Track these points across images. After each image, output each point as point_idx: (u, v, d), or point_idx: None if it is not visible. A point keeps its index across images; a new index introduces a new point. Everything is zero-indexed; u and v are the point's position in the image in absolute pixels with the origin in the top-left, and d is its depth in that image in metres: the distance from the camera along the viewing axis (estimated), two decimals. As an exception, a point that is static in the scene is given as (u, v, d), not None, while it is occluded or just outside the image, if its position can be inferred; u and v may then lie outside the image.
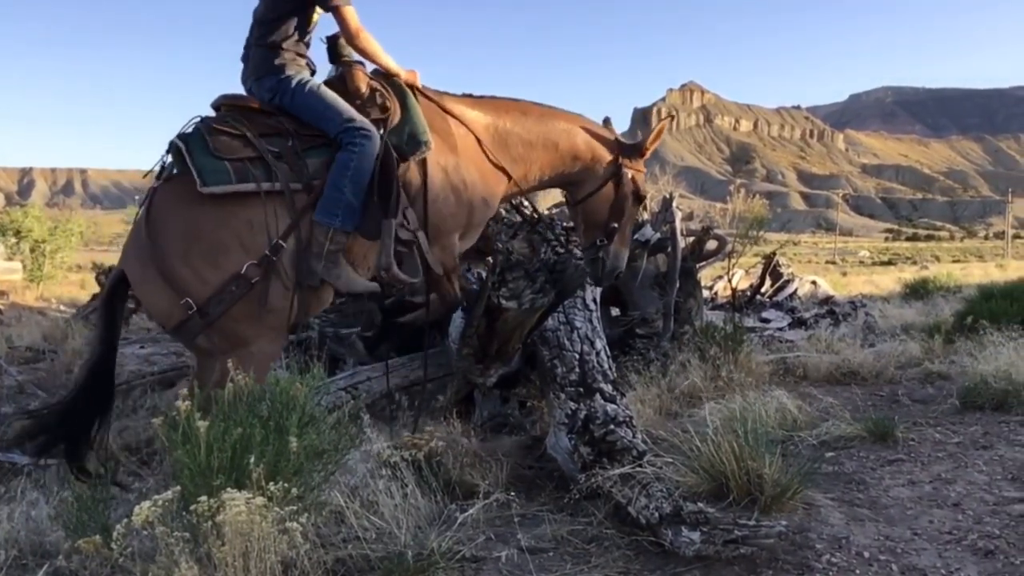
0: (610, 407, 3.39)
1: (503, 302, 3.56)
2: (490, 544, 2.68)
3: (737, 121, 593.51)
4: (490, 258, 4.38)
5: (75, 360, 6.52)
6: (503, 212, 5.28)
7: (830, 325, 8.30)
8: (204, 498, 2.04)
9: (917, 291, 12.38)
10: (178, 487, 2.18)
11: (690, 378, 4.89)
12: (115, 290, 3.30)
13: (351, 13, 3.43)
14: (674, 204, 6.25)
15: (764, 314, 9.59)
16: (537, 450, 3.70)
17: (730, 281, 10.32)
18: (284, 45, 3.47)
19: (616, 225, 4.14)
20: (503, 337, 3.76)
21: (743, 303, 10.10)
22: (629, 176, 4.17)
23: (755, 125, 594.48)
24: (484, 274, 4.02)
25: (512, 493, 3.00)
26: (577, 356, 3.78)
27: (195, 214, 3.15)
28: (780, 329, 8.24)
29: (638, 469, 2.95)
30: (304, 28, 3.52)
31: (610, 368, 3.84)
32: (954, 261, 48.57)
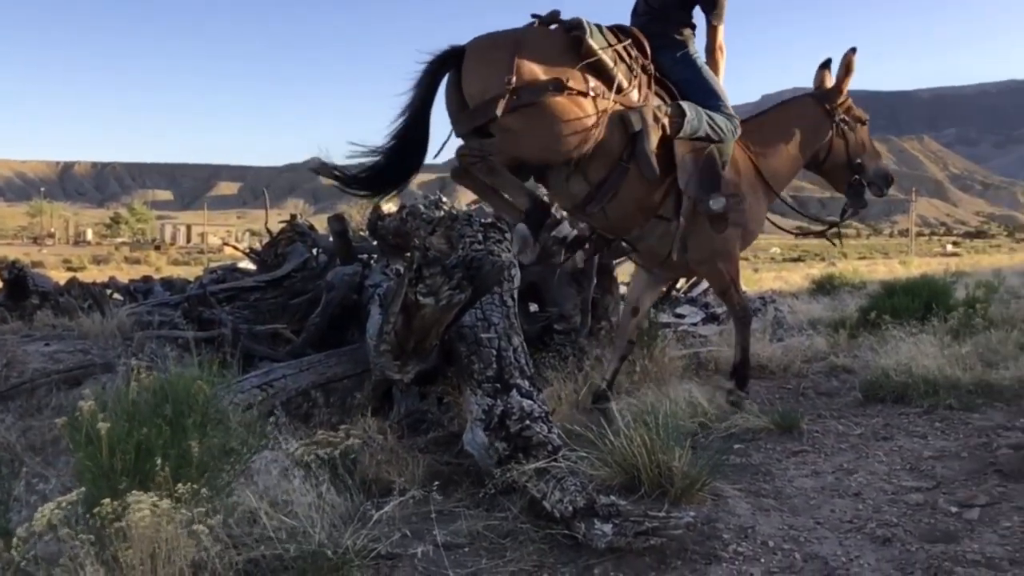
0: (526, 403, 3.42)
1: (420, 298, 3.55)
2: (406, 541, 2.68)
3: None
4: (408, 254, 4.37)
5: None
6: (422, 208, 5.27)
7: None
8: (107, 500, 1.99)
9: (824, 287, 12.77)
10: (82, 489, 2.13)
11: (605, 373, 4.95)
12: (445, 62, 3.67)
13: (722, 31, 4.30)
14: (592, 201, 6.31)
15: (679, 310, 9.77)
16: (454, 446, 3.71)
17: (646, 277, 10.45)
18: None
19: (860, 160, 4.76)
20: (420, 333, 3.75)
21: (658, 299, 10.25)
22: (841, 117, 4.72)
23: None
24: (401, 270, 4.01)
25: (429, 490, 3.01)
26: (494, 352, 3.80)
27: None
28: (694, 324, 8.40)
29: (553, 464, 2.99)
30: None
31: (527, 364, 3.87)
32: (860, 258, 50.22)
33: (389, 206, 5.97)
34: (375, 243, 6.11)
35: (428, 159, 3.92)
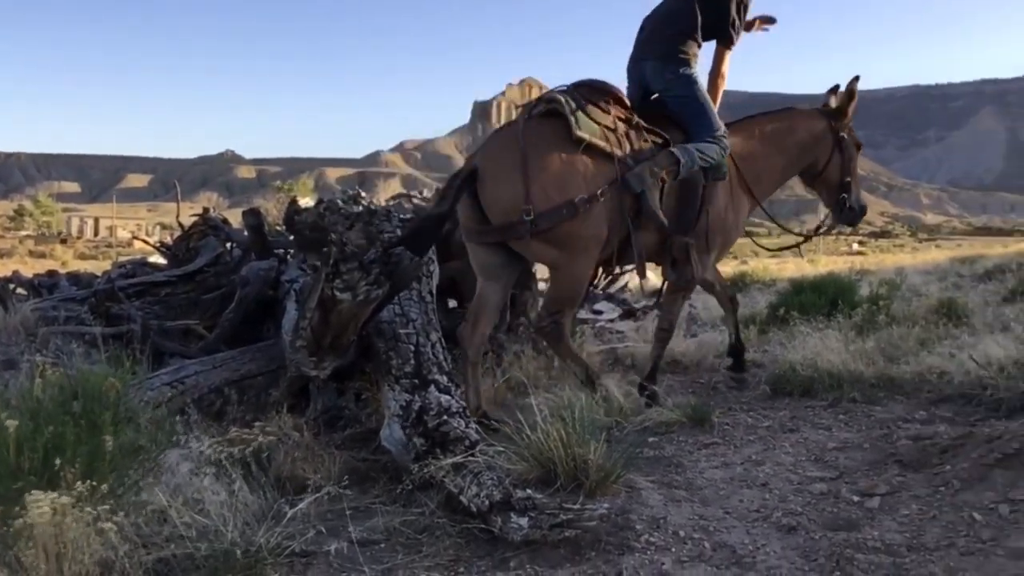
0: (444, 398, 3.43)
1: (337, 294, 3.52)
2: (321, 538, 2.66)
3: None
4: (325, 249, 4.32)
5: None
6: (340, 203, 5.21)
7: (657, 316, 8.64)
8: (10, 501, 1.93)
9: (736, 284, 13.09)
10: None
11: (524, 368, 4.99)
12: (469, 179, 4.01)
13: (728, 58, 4.58)
14: (511, 198, 6.34)
15: (596, 306, 9.89)
16: (372, 442, 3.69)
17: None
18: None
19: (849, 179, 5.05)
20: (337, 329, 3.72)
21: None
22: (843, 136, 5.01)
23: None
24: (318, 265, 3.96)
25: (345, 486, 2.98)
26: (412, 348, 3.79)
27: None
28: (611, 320, 8.52)
29: (470, 458, 3.00)
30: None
31: (445, 359, 3.88)
32: (771, 256, 51.50)
33: (306, 200, 5.89)
34: (292, 238, 6.01)
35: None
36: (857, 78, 5.06)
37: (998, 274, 11.59)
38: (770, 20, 4.95)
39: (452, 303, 6.06)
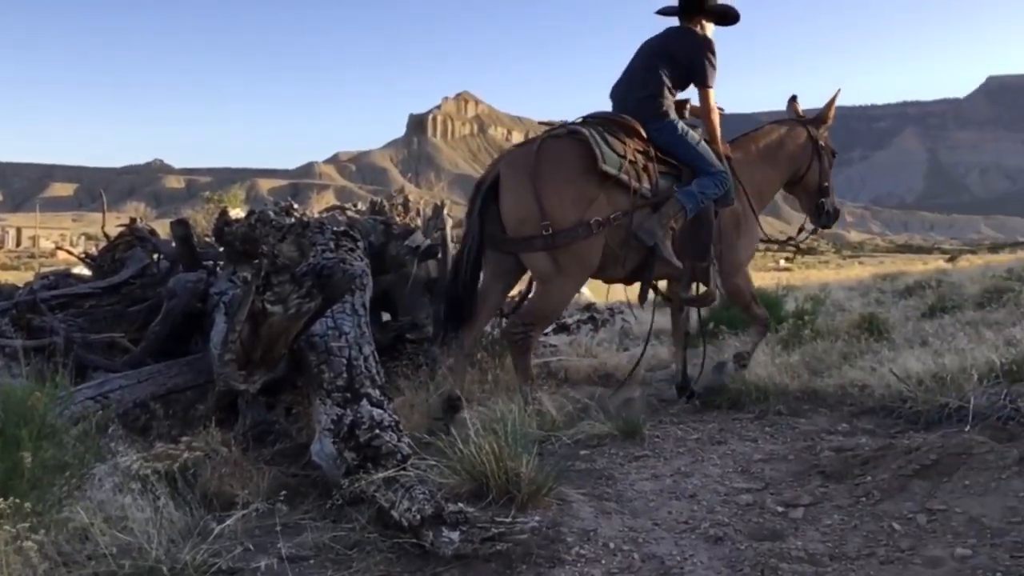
0: (376, 412, 3.40)
1: (268, 306, 3.48)
2: (248, 555, 2.62)
3: (509, 132, 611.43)
4: (256, 261, 4.27)
5: None
6: (271, 215, 5.15)
7: (590, 331, 8.74)
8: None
9: (669, 299, 13.24)
10: None
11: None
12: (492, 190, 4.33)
13: (713, 95, 4.83)
14: (445, 211, 6.37)
15: (531, 320, 9.91)
16: (302, 457, 3.64)
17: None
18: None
19: (827, 184, 5.48)
20: (268, 342, 3.67)
21: (511, 309, 10.40)
22: (822, 143, 5.45)
23: (526, 136, 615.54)
24: (249, 277, 3.91)
25: (274, 502, 2.94)
26: (345, 361, 3.76)
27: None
28: (545, 334, 8.57)
29: (402, 473, 2.99)
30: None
31: (378, 373, 3.85)
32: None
33: (237, 212, 5.81)
34: (221, 249, 5.92)
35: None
36: (839, 91, 5.72)
37: (918, 290, 11.99)
38: None
39: (386, 316, 6.03)
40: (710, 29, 4.87)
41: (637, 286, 4.97)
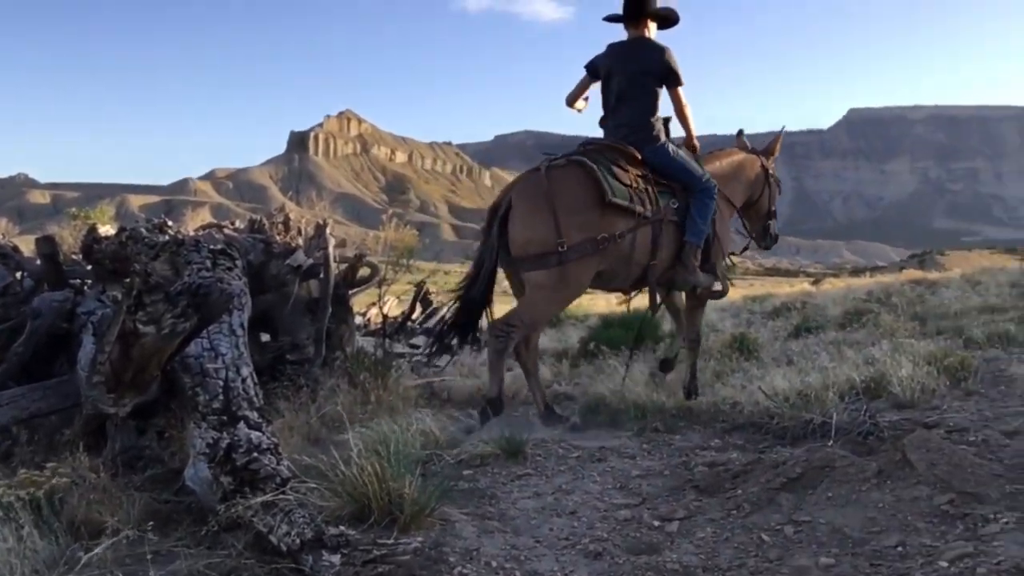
0: (254, 435, 3.32)
1: (140, 327, 3.35)
2: (118, 585, 2.51)
3: (393, 152, 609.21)
4: (127, 280, 4.12)
5: None
6: (144, 232, 4.98)
7: (473, 351, 8.75)
8: None
9: (551, 320, 13.43)
10: None
11: (340, 403, 4.92)
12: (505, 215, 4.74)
13: (683, 92, 5.22)
14: (328, 230, 6.29)
15: (414, 340, 9.91)
16: (175, 483, 3.51)
17: (382, 308, 10.53)
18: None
19: (774, 208, 6.19)
20: (140, 364, 3.53)
21: (394, 329, 10.35)
22: (771, 171, 6.13)
23: (410, 157, 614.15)
24: (120, 297, 3.77)
25: (145, 530, 2.82)
26: (221, 383, 3.65)
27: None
28: (417, 346, 8.56)
29: (281, 496, 2.92)
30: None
31: (256, 395, 3.76)
32: (585, 293, 53.31)
33: (106, 228, 5.58)
34: (90, 268, 5.67)
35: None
36: (783, 128, 6.58)
37: (785, 312, 12.54)
38: None
39: (265, 337, 5.90)
40: (652, 32, 5.22)
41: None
